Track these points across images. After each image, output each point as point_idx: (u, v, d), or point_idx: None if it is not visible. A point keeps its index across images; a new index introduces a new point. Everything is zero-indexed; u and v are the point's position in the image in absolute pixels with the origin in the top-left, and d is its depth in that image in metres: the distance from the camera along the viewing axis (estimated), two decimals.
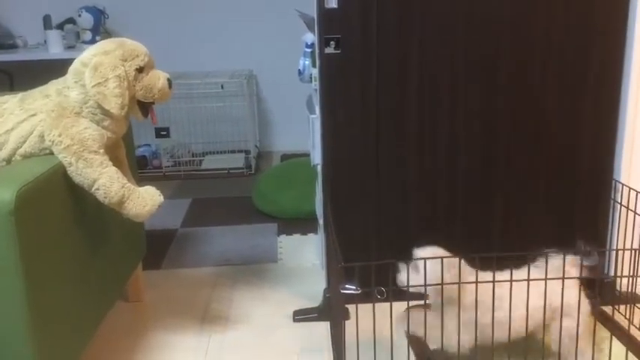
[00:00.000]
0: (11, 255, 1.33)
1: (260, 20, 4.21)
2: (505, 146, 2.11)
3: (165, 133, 3.95)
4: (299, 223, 3.00)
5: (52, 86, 1.67)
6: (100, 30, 3.81)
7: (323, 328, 2.10)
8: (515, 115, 2.08)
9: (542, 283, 1.57)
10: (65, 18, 3.91)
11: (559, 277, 1.57)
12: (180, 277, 2.53)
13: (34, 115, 1.60)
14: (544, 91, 2.07)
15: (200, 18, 4.21)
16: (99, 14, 3.78)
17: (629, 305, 1.98)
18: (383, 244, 2.15)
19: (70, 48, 3.71)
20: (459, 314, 1.61)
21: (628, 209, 2.04)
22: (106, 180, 1.59)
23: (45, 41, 3.78)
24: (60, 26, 3.87)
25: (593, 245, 1.61)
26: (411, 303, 1.67)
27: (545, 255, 1.61)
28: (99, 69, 1.60)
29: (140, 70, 1.69)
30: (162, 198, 1.73)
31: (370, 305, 1.51)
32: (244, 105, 4.05)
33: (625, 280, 2.06)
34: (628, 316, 1.97)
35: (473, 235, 2.15)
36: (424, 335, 1.64)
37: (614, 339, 1.70)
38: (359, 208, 2.13)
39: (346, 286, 1.57)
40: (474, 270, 1.62)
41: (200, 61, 4.19)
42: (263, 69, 4.32)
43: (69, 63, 1.68)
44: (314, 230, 2.84)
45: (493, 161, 2.12)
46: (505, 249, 1.61)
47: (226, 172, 3.98)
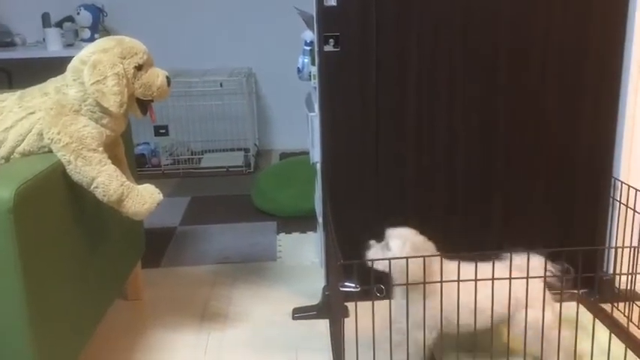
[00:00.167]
0: (10, 253, 1.33)
1: (259, 18, 4.20)
2: (504, 143, 2.11)
3: (164, 131, 3.93)
4: (298, 221, 3.00)
5: (51, 84, 1.66)
6: (99, 28, 3.81)
7: (322, 325, 2.10)
8: (515, 113, 2.08)
9: (506, 272, 1.58)
10: (64, 16, 3.91)
11: (523, 276, 1.58)
12: (180, 275, 2.53)
13: (32, 113, 1.60)
14: (543, 90, 2.07)
15: (199, 16, 4.20)
16: (98, 12, 3.78)
17: (628, 303, 1.98)
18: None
19: (69, 46, 3.71)
20: (424, 308, 1.61)
21: (627, 207, 2.05)
22: (105, 178, 1.59)
23: (43, 39, 3.78)
24: (59, 24, 3.87)
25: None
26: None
27: (510, 254, 1.61)
28: (98, 67, 1.60)
29: (139, 68, 1.68)
30: (161, 196, 1.73)
31: (369, 303, 1.51)
32: (243, 103, 4.05)
33: (624, 278, 2.07)
34: (627, 314, 1.98)
35: (471, 233, 2.15)
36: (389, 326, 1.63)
37: (612, 336, 1.70)
38: (358, 205, 2.13)
39: (345, 284, 1.57)
40: (439, 257, 1.63)
41: (199, 59, 4.19)
42: (262, 67, 4.32)
43: (67, 61, 1.67)
44: (313, 228, 2.84)
45: (492, 158, 2.12)
46: (503, 246, 1.61)
47: (225, 170, 3.97)
